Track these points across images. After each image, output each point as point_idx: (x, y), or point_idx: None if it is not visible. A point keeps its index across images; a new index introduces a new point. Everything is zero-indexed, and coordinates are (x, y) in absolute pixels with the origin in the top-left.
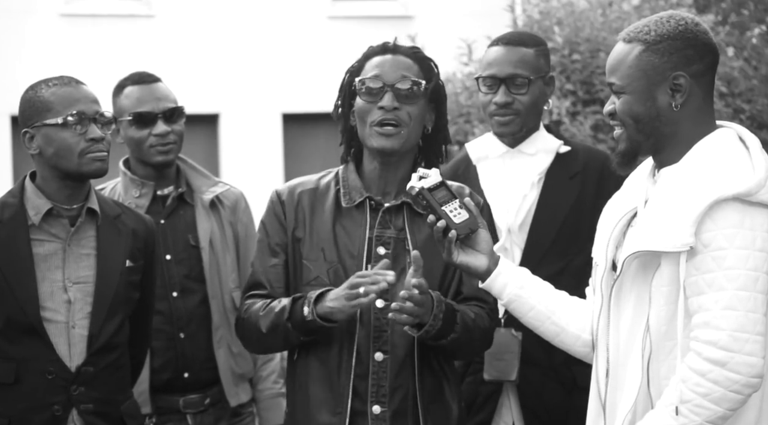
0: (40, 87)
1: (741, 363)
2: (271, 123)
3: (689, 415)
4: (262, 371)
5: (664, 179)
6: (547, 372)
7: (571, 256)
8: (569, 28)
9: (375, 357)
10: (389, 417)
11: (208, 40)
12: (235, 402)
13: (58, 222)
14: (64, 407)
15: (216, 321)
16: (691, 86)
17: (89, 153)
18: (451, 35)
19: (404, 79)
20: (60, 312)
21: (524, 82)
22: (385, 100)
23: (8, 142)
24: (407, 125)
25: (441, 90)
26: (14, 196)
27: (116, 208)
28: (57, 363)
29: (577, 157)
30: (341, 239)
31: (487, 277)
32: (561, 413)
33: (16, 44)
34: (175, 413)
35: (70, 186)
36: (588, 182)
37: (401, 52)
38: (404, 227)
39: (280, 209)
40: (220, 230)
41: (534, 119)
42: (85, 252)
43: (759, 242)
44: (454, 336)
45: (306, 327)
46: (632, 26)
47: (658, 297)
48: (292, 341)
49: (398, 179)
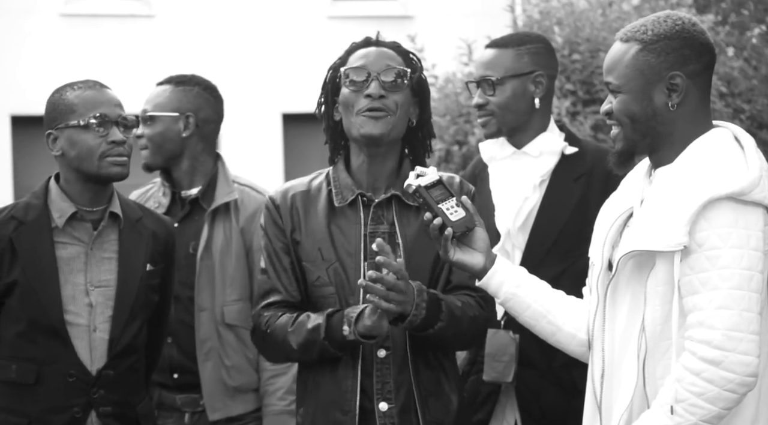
0: (65, 90)
1: (736, 362)
2: (271, 123)
3: (684, 414)
4: (269, 386)
5: (659, 178)
6: (546, 375)
7: (572, 259)
8: (569, 28)
9: (378, 354)
10: (396, 413)
11: (208, 40)
12: (220, 416)
13: (82, 226)
14: (83, 409)
15: (203, 333)
16: (688, 86)
17: (109, 156)
18: (451, 35)
19: (389, 68)
20: (82, 316)
21: (491, 83)
22: (372, 88)
23: (8, 142)
24: (394, 113)
25: (424, 84)
26: (38, 197)
27: (138, 211)
28: (78, 366)
29: (585, 158)
30: (337, 238)
31: (483, 275)
32: (559, 416)
33: (16, 44)
34: (174, 410)
35: (93, 189)
36: (594, 183)
37: (384, 44)
38: (394, 222)
39: (277, 214)
40: (226, 239)
41: (514, 118)
42: (107, 256)
43: (753, 242)
44: (441, 325)
45: (346, 345)
46: (629, 26)
47: (653, 297)
48: (327, 357)
49: (386, 172)
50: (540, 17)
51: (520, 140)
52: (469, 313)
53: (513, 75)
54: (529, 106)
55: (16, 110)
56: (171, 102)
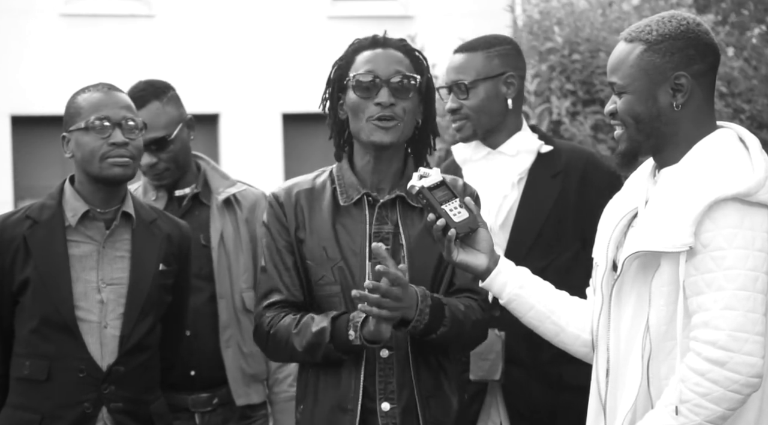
0: (78, 94)
1: (740, 362)
2: (271, 123)
3: (689, 415)
4: (278, 373)
5: (664, 179)
6: (532, 372)
7: (555, 254)
8: (569, 28)
9: (381, 354)
10: (399, 413)
11: (208, 40)
12: (244, 402)
13: (94, 225)
14: (94, 405)
15: (224, 320)
16: (693, 86)
17: (109, 157)
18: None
19: (397, 73)
20: (93, 312)
21: (464, 87)
22: (382, 97)
23: (8, 142)
24: (402, 120)
25: (431, 83)
26: (53, 198)
27: (152, 213)
28: (88, 361)
29: (560, 156)
30: (342, 238)
31: (486, 276)
32: (547, 412)
33: (16, 44)
34: (184, 411)
35: (103, 190)
36: (570, 180)
37: (391, 45)
38: (398, 222)
39: (281, 211)
40: (235, 229)
41: (489, 120)
42: (120, 254)
43: (758, 242)
44: (443, 330)
45: (351, 349)
46: (634, 26)
47: (657, 297)
48: (332, 359)
49: (392, 173)
50: (540, 17)
51: (494, 141)
52: (471, 317)
53: (485, 77)
54: (502, 107)
55: (16, 110)
56: (168, 116)
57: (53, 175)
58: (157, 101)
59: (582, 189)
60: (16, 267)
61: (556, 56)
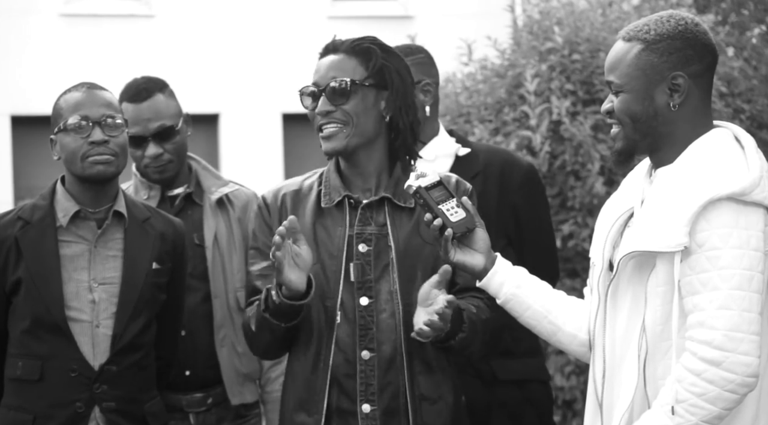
0: (61, 95)
1: (736, 362)
2: (271, 123)
3: (685, 415)
4: (270, 372)
5: (660, 179)
6: (465, 368)
7: None
8: (569, 28)
9: (362, 356)
10: (380, 415)
11: (208, 40)
12: (238, 401)
13: (86, 224)
14: (86, 404)
15: (219, 319)
16: (690, 86)
17: (89, 157)
18: (451, 35)
19: (333, 79)
20: (84, 312)
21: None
22: (319, 106)
23: (8, 142)
24: (348, 124)
25: (387, 72)
26: (45, 199)
27: (145, 211)
28: (80, 361)
29: (478, 157)
30: (321, 240)
31: (484, 276)
32: (482, 408)
33: (16, 44)
34: (178, 411)
35: (91, 189)
36: (489, 180)
37: (335, 50)
38: (386, 223)
39: (266, 212)
40: (228, 229)
41: None
42: (112, 254)
43: (753, 242)
44: (462, 336)
45: (279, 310)
46: (632, 25)
47: (653, 297)
48: (276, 332)
49: (375, 173)
50: (540, 17)
51: None
52: (482, 316)
53: None
54: (421, 114)
55: (16, 110)
56: (172, 108)
57: (53, 175)
58: (161, 94)
59: (501, 188)
60: (9, 268)
61: (556, 56)
